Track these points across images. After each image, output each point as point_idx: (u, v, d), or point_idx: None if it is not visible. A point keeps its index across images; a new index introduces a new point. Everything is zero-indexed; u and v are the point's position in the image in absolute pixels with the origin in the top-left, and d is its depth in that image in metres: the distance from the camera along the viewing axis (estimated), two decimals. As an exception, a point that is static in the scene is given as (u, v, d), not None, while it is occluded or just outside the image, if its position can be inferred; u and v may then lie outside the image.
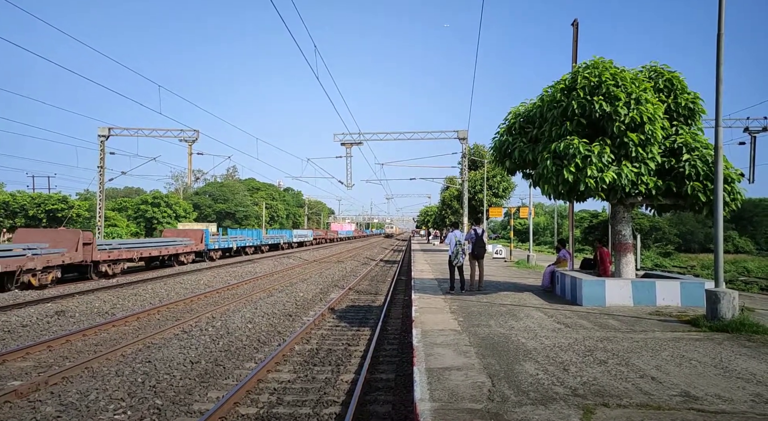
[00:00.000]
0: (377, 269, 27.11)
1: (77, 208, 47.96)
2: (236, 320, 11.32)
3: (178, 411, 5.96)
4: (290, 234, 48.65)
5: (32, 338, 9.69)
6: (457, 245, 12.41)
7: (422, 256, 30.40)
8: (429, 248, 45.55)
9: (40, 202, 45.61)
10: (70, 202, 48.19)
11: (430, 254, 33.27)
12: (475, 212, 38.00)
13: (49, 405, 5.95)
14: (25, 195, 47.74)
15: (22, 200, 45.80)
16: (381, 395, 6.63)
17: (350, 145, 34.59)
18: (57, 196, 48.58)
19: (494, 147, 11.70)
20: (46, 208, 45.34)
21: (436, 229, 69.14)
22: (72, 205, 47.39)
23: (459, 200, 39.61)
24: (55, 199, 47.17)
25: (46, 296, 14.37)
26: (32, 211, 44.82)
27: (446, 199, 48.32)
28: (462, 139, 34.30)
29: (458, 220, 37.79)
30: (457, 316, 9.16)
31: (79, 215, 48.54)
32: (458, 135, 34.13)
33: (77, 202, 50.02)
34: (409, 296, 13.67)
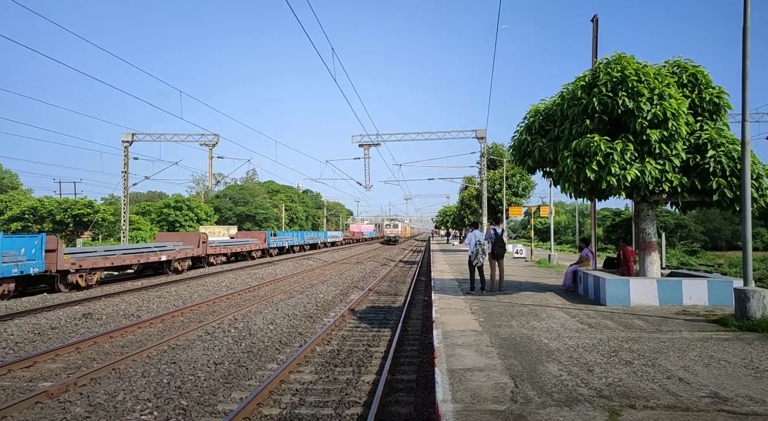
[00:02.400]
0: (396, 270, 27.10)
1: (103, 213, 49.03)
2: (258, 321, 11.44)
3: (203, 412, 6.05)
4: (325, 235, 57.15)
5: (61, 340, 9.94)
6: (477, 245, 12.34)
7: (442, 256, 30.30)
8: (448, 248, 45.36)
9: (66, 207, 46.77)
10: (96, 207, 49.30)
11: (450, 254, 33.13)
12: (495, 211, 37.72)
13: (78, 406, 6.10)
14: (53, 200, 49.03)
15: (49, 205, 47.04)
16: (402, 396, 6.62)
17: (368, 146, 34.67)
18: (83, 201, 49.75)
19: (514, 146, 11.60)
20: (73, 213, 46.46)
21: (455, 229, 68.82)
22: (98, 210, 48.47)
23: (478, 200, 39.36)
24: (81, 204, 48.31)
25: (73, 299, 14.73)
26: (59, 216, 45.99)
27: (465, 199, 48.05)
28: (480, 138, 34.08)
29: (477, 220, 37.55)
30: (478, 316, 9.10)
31: (105, 219, 49.62)
32: (476, 134, 33.92)
33: (102, 207, 51.15)
34: (429, 297, 13.63)
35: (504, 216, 34.69)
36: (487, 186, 35.72)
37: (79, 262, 17.40)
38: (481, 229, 29.47)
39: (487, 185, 36.09)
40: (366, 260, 33.44)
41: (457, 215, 55.78)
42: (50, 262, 16.20)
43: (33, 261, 15.67)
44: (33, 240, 15.93)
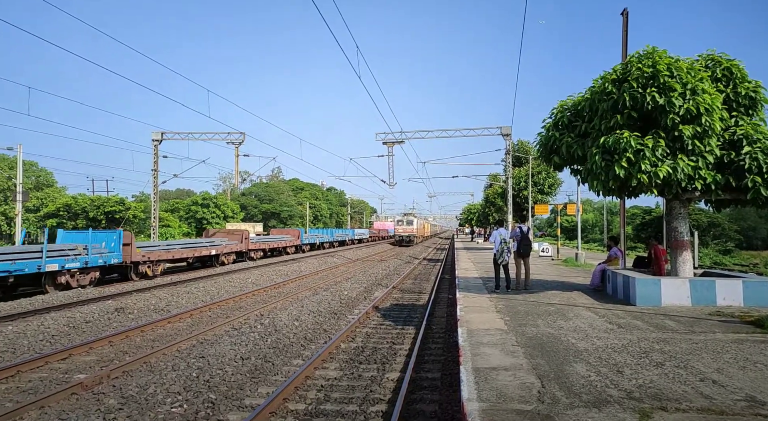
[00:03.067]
0: (420, 268, 27.04)
1: (134, 210, 50.32)
2: (283, 317, 11.57)
3: (231, 406, 6.16)
4: (353, 232, 58.68)
5: (94, 333, 10.25)
6: (502, 243, 12.21)
7: (466, 254, 30.11)
8: (473, 246, 45.04)
9: (99, 205, 48.17)
10: (127, 204, 50.63)
11: (474, 252, 32.90)
12: (520, 209, 37.27)
13: (111, 397, 6.28)
14: (86, 198, 50.56)
15: (83, 202, 48.54)
16: (427, 394, 6.61)
17: (392, 143, 34.65)
18: (115, 198, 51.16)
19: (540, 143, 11.43)
20: (105, 210, 47.82)
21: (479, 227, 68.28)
22: (129, 207, 49.77)
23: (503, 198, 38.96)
24: (113, 201, 49.68)
25: (106, 294, 15.17)
26: (92, 213, 47.39)
27: (490, 196, 47.61)
28: (506, 135, 33.70)
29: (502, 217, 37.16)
30: (504, 315, 9.01)
31: (135, 216, 50.91)
32: (501, 131, 33.55)
33: (133, 204, 52.48)
34: (454, 295, 13.57)
35: (529, 214, 34.24)
36: (512, 184, 35.30)
37: (148, 254, 19.87)
38: (507, 227, 29.18)
39: (513, 183, 35.66)
40: (390, 258, 33.47)
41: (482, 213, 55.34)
42: (126, 254, 18.74)
43: (113, 253, 18.22)
44: (113, 235, 18.63)
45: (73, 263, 16.29)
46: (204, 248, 24.44)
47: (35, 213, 54.16)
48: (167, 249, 21.80)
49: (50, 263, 15.41)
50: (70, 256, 16.32)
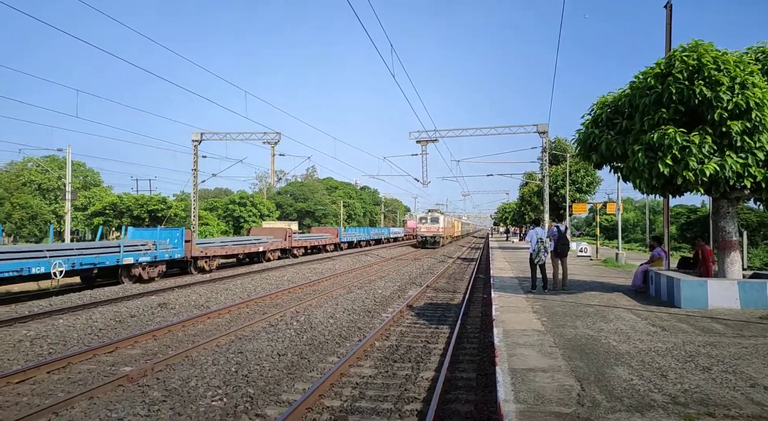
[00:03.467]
0: (454, 267, 26.86)
1: (175, 208, 51.97)
2: (318, 315, 11.71)
3: (269, 400, 6.29)
4: (388, 231, 60.04)
5: (139, 327, 10.64)
6: (538, 243, 12.00)
7: (501, 254, 29.71)
8: (508, 245, 44.41)
9: (143, 203, 49.99)
10: (169, 203, 52.33)
11: (509, 251, 32.43)
12: (557, 208, 36.50)
13: (155, 390, 6.51)
14: (130, 197, 52.55)
15: (128, 201, 50.49)
16: (462, 394, 6.57)
17: (426, 142, 34.52)
18: (157, 197, 52.97)
19: (578, 140, 11.16)
20: (148, 209, 49.58)
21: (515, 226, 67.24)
22: (170, 206, 51.44)
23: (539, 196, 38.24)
24: (156, 200, 51.45)
25: (150, 289, 15.73)
26: (137, 211, 49.22)
27: (525, 195, 46.80)
28: (542, 133, 33.05)
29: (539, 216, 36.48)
30: (540, 316, 8.86)
31: (176, 214, 52.57)
32: (538, 129, 32.92)
33: (174, 203, 54.20)
34: (489, 295, 13.42)
35: (567, 213, 33.50)
36: (548, 182, 34.60)
37: (205, 250, 21.69)
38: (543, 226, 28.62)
39: (549, 181, 34.96)
40: (423, 257, 33.38)
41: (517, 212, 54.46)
42: (187, 250, 20.42)
43: (176, 249, 19.91)
44: (176, 232, 20.40)
45: (145, 257, 18.06)
46: (252, 245, 26.21)
47: (83, 211, 56.67)
48: (221, 245, 23.65)
49: (126, 257, 17.18)
50: (141, 251, 18.11)
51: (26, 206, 52.82)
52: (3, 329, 10.10)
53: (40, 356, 8.26)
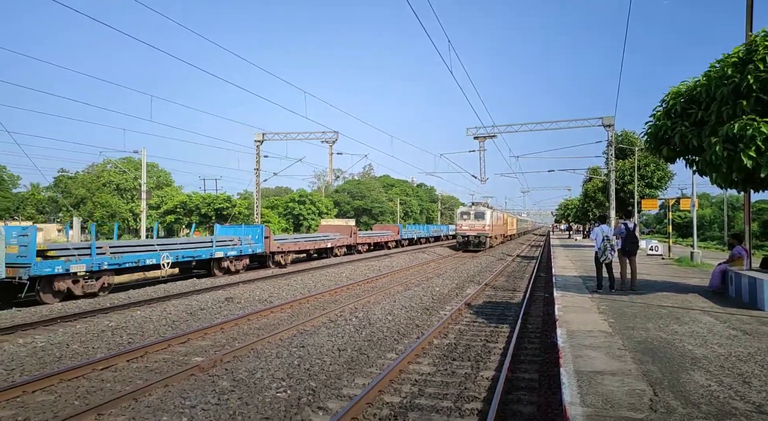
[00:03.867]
0: (513, 265, 26.26)
1: (239, 207, 54.14)
2: (377, 311, 11.82)
3: (330, 394, 6.43)
4: (447, 228, 58.72)
5: (208, 320, 11.18)
6: (604, 241, 11.49)
7: (563, 252, 28.72)
8: (570, 243, 42.83)
9: (209, 202, 52.47)
10: (233, 202, 54.60)
11: (572, 250, 31.28)
12: (624, 204, 34.77)
13: (224, 380, 6.83)
14: (198, 196, 55.30)
15: (196, 200, 53.19)
16: (524, 395, 6.42)
17: (483, 138, 33.93)
18: (223, 196, 55.41)
19: (649, 133, 10.57)
20: (215, 207, 51.97)
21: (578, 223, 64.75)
22: (235, 204, 53.65)
23: (604, 192, 36.59)
24: (221, 199, 53.84)
25: (217, 284, 16.50)
26: (204, 209, 51.72)
27: (589, 191, 44.94)
28: (608, 126, 31.58)
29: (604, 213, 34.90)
30: (607, 317, 8.49)
31: (240, 212, 54.75)
32: (603, 122, 31.49)
33: (238, 201, 56.46)
34: (551, 294, 13.02)
35: (635, 209, 31.86)
36: (615, 177, 33.04)
37: (281, 246, 23.45)
38: (609, 223, 27.35)
39: (616, 176, 33.37)
40: (481, 254, 32.86)
41: (580, 209, 52.40)
42: (266, 245, 22.13)
43: (257, 244, 21.73)
44: (257, 229, 22.23)
45: (232, 252, 20.09)
46: (322, 241, 28.11)
47: (156, 210, 60.25)
48: (294, 242, 25.58)
49: (217, 251, 19.29)
50: (229, 246, 20.16)
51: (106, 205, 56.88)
52: (87, 320, 10.94)
53: (120, 345, 8.88)
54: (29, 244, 12.67)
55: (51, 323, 10.62)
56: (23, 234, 12.87)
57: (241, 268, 20.74)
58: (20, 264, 12.52)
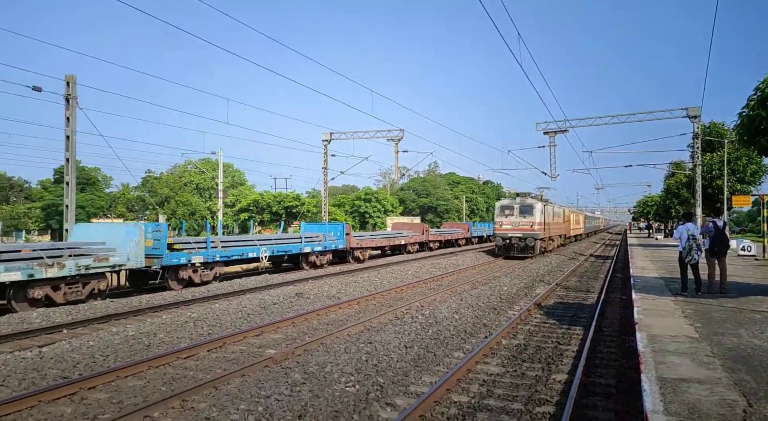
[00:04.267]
0: (586, 265, 25.12)
1: (307, 205, 55.80)
2: (443, 310, 11.74)
3: (397, 391, 6.47)
4: None
5: (280, 314, 11.61)
6: (690, 240, 10.72)
7: (642, 251, 27.08)
8: (650, 242, 40.32)
9: (280, 200, 54.48)
10: (302, 200, 56.36)
11: (652, 249, 29.41)
12: (712, 201, 32.21)
13: (296, 372, 7.07)
14: (269, 194, 57.58)
15: (267, 198, 55.45)
16: (600, 401, 6.13)
17: (554, 133, 32.69)
18: (292, 194, 57.36)
19: (741, 124, 9.72)
20: (285, 205, 53.90)
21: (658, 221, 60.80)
22: (303, 203, 55.36)
23: (689, 188, 34.11)
24: (291, 197, 55.77)
25: (287, 280, 17.10)
26: (275, 207, 53.79)
27: (671, 187, 42.05)
28: (693, 117, 29.36)
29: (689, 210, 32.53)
30: (693, 321, 7.91)
31: (309, 210, 56.40)
32: (688, 113, 29.30)
33: (307, 200, 58.21)
34: (629, 296, 12.34)
35: (725, 206, 29.42)
36: (701, 172, 30.69)
37: (360, 242, 24.90)
38: (695, 221, 25.46)
39: (702, 171, 30.98)
40: (550, 253, 31.71)
41: (661, 206, 49.17)
42: (347, 242, 23.62)
43: (339, 240, 23.28)
44: (339, 226, 24.01)
45: (318, 247, 21.76)
46: (396, 238, 29.31)
47: (231, 208, 63.41)
48: (371, 238, 27.03)
49: (305, 247, 20.93)
50: (315, 241, 21.85)
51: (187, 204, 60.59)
52: (172, 311, 11.72)
53: (201, 336, 9.44)
54: (161, 238, 14.81)
55: (140, 314, 11.49)
56: (157, 230, 15.01)
57: (326, 262, 22.15)
58: (154, 255, 14.61)
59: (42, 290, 11.81)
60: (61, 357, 7.79)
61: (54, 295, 12.06)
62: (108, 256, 13.31)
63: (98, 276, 13.09)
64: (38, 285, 11.72)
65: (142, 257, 14.10)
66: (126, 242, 13.95)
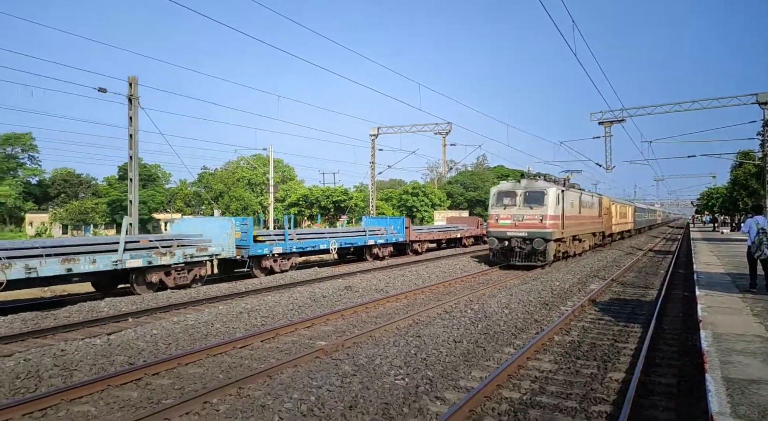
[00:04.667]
0: (645, 260, 24.06)
1: (355, 199, 56.37)
2: (492, 304, 11.58)
3: (447, 385, 6.45)
4: None
5: (329, 306, 11.82)
6: (759, 234, 10.04)
7: (706, 246, 25.63)
8: (715, 236, 38.10)
9: (328, 195, 55.33)
10: (350, 194, 57.01)
11: (718, 244, 27.78)
12: (784, 191, 29.96)
13: (346, 364, 7.18)
14: (318, 189, 58.59)
15: (316, 193, 56.44)
16: (660, 401, 5.88)
17: (610, 123, 31.33)
18: (340, 189, 58.10)
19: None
20: (333, 199, 54.69)
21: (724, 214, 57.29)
22: (351, 197, 55.97)
23: (758, 179, 31.94)
24: (339, 191, 56.50)
25: (338, 273, 17.37)
26: (323, 202, 54.69)
27: (739, 178, 39.47)
28: (764, 103, 27.34)
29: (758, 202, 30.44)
30: (763, 320, 7.43)
31: (356, 204, 56.96)
32: (758, 99, 27.29)
33: (354, 194, 58.80)
34: (691, 293, 11.73)
35: (799, 197, 27.31)
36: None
37: (418, 235, 25.73)
38: (765, 214, 23.80)
39: (773, 159, 28.84)
40: (605, 248, 30.55)
41: (728, 198, 46.28)
42: (407, 235, 24.43)
43: (399, 234, 24.10)
44: (399, 220, 24.70)
45: (380, 240, 22.67)
46: (452, 232, 30.00)
47: (282, 202, 65.02)
48: (429, 232, 27.79)
49: (369, 239, 21.99)
50: (377, 234, 22.81)
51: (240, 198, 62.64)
52: (227, 302, 12.17)
53: (255, 327, 9.75)
54: (248, 231, 16.53)
55: (198, 304, 12.01)
56: (244, 223, 16.68)
57: (387, 254, 23.14)
58: (242, 246, 16.24)
59: (157, 274, 13.47)
60: (127, 344, 8.26)
61: (166, 279, 13.68)
62: (207, 246, 14.89)
63: (199, 264, 14.77)
64: (154, 271, 13.41)
65: (233, 247, 15.62)
66: (219, 234, 15.50)
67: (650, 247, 33.44)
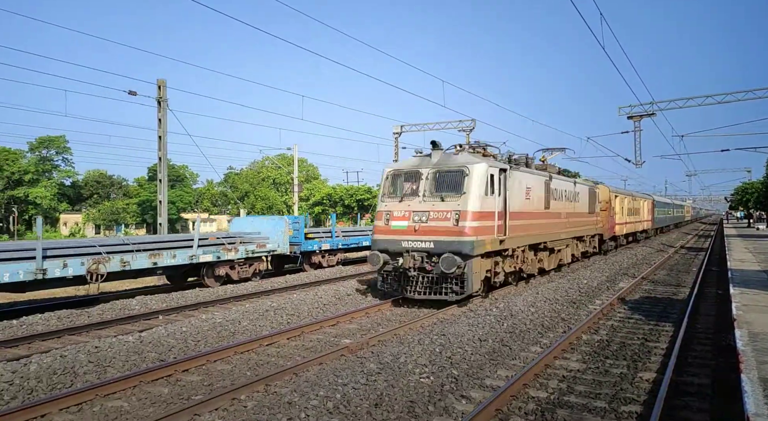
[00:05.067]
0: (676, 257, 23.45)
1: (378, 198, 56.55)
2: (518, 302, 11.43)
3: (472, 383, 6.42)
4: None
5: (354, 305, 11.87)
6: (798, 229, 9.60)
7: (741, 243, 24.83)
8: (750, 233, 36.86)
9: (352, 193, 55.59)
10: (373, 193, 57.09)
11: (753, 240, 26.88)
12: (825, 185, 28.79)
13: (371, 362, 7.20)
14: (342, 188, 58.92)
15: (340, 192, 56.78)
16: (693, 402, 5.74)
17: (639, 117, 30.56)
18: (363, 187, 58.31)
19: None
20: (356, 198, 54.92)
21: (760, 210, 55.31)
22: (375, 195, 56.09)
23: (796, 171, 30.71)
24: (362, 190, 56.69)
25: (362, 271, 17.43)
26: (347, 200, 54.97)
27: (775, 171, 38.07)
28: (800, 91, 26.29)
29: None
30: (803, 319, 7.15)
31: (380, 203, 57.10)
32: (794, 87, 26.29)
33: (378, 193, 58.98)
34: (726, 291, 11.38)
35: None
36: (811, 153, 27.44)
37: None
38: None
39: (812, 152, 27.70)
40: (633, 245, 29.89)
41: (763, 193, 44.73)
42: None
43: None
44: None
45: None
46: None
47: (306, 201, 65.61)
48: None
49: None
50: None
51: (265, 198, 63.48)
52: (254, 301, 12.36)
53: (281, 324, 9.88)
54: (300, 228, 17.77)
55: (225, 302, 12.23)
56: (296, 222, 17.96)
57: None
58: (295, 243, 17.48)
59: (224, 268, 14.54)
60: (158, 341, 8.46)
61: (231, 273, 14.75)
62: (265, 243, 15.89)
63: (258, 259, 15.87)
64: (222, 265, 14.49)
65: (287, 244, 16.72)
66: (274, 231, 16.49)
67: (682, 244, 32.57)
